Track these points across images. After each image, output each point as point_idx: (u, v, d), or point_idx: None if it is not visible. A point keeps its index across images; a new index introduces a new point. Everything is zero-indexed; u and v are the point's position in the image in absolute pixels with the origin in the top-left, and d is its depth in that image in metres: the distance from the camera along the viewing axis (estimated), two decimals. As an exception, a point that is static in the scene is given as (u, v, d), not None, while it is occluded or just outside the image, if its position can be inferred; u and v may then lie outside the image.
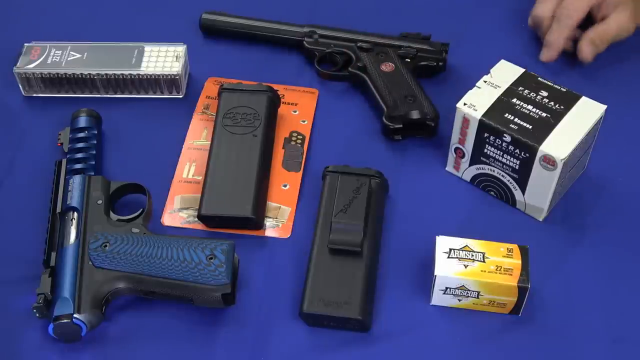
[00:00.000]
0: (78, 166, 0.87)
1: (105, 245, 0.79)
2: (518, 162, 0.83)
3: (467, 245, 0.79)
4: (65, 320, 0.76)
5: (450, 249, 0.79)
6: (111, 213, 0.84)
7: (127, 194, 0.87)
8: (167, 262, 0.78)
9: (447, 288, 0.78)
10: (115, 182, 0.86)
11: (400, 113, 0.91)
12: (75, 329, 0.76)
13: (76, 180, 0.85)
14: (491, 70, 0.87)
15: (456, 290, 0.78)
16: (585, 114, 0.83)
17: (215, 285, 0.77)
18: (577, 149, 0.82)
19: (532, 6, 1.01)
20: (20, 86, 0.97)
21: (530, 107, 0.84)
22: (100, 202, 0.83)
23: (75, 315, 0.76)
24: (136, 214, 0.84)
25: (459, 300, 0.79)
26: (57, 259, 0.80)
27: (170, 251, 0.78)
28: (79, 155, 0.88)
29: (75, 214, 0.82)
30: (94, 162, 0.88)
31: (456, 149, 0.88)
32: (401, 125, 0.91)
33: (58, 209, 0.83)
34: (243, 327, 0.79)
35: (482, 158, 0.86)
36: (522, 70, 0.87)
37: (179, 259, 0.78)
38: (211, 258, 0.77)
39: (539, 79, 0.87)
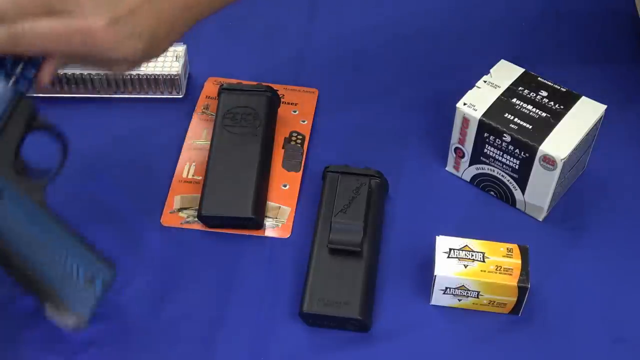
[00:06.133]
0: (8, 70, 0.66)
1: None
2: (518, 162, 0.83)
3: (467, 245, 0.79)
4: None
5: (450, 249, 0.79)
6: (19, 155, 0.68)
7: (40, 130, 0.71)
8: (45, 257, 0.66)
9: (447, 288, 0.78)
10: (41, 117, 0.69)
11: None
12: None
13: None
14: (491, 70, 0.87)
15: (456, 290, 0.78)
16: (585, 114, 0.83)
17: (75, 312, 0.68)
18: (577, 149, 0.82)
19: (534, 5, 1.01)
20: (20, 86, 0.97)
21: (530, 107, 0.84)
22: (17, 134, 0.67)
23: None
24: (46, 175, 0.70)
25: (459, 300, 0.79)
26: None
27: (56, 250, 0.66)
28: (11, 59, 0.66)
29: None
30: (31, 75, 0.68)
31: (456, 149, 0.88)
32: None
33: None
34: (243, 327, 0.79)
35: (482, 158, 0.86)
36: (522, 70, 0.87)
37: (59, 262, 0.66)
38: (90, 282, 0.68)
39: (539, 79, 0.87)
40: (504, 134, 0.82)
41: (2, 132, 0.66)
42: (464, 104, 0.84)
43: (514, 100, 0.84)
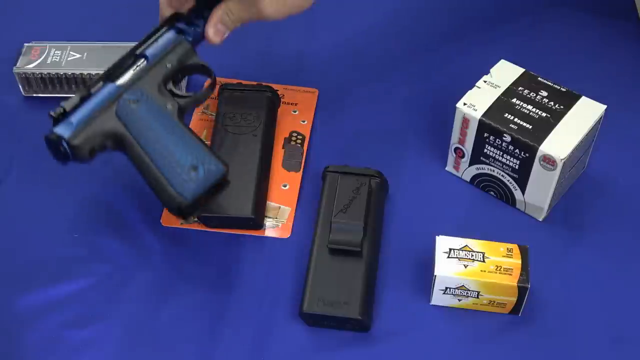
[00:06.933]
0: (182, 26, 0.84)
1: (137, 102, 0.80)
2: (518, 162, 0.83)
3: (467, 245, 0.79)
4: (53, 138, 0.78)
5: (450, 249, 0.79)
6: (170, 82, 0.83)
7: (199, 73, 0.87)
8: (161, 147, 0.78)
9: (447, 288, 0.78)
10: (196, 58, 0.85)
11: None
12: (56, 145, 0.79)
13: (167, 35, 0.84)
14: (491, 70, 0.87)
15: (456, 290, 0.78)
16: (585, 114, 0.83)
17: (176, 192, 0.78)
18: (577, 148, 0.82)
19: (534, 5, 1.01)
20: (20, 86, 0.97)
21: (530, 107, 0.84)
22: (169, 66, 0.83)
23: (65, 138, 0.78)
24: (186, 94, 0.84)
25: (459, 300, 0.79)
26: (98, 89, 0.80)
27: (170, 143, 0.79)
28: (193, 17, 0.85)
29: (145, 62, 0.82)
30: (200, 30, 0.85)
31: (456, 149, 0.88)
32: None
33: (138, 51, 0.83)
34: (243, 327, 0.79)
35: (482, 158, 0.86)
36: (522, 70, 0.87)
37: (170, 152, 0.78)
38: (194, 169, 0.78)
39: (539, 78, 0.87)
40: (504, 134, 0.82)
41: (159, 60, 0.82)
42: (464, 104, 0.84)
43: (514, 100, 0.84)
